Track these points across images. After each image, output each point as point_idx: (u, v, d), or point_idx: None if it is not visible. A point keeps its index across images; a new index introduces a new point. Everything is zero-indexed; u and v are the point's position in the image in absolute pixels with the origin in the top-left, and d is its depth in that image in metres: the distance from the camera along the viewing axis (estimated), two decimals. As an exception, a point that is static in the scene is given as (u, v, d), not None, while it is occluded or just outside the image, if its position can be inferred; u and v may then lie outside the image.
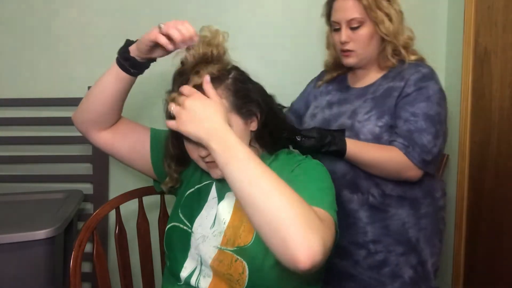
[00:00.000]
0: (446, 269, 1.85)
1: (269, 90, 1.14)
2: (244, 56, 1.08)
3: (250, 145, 1.07)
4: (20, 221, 1.45)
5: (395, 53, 1.30)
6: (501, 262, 1.53)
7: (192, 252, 1.08)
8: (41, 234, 1.36)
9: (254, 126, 1.07)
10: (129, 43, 1.07)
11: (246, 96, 1.04)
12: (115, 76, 1.08)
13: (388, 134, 1.25)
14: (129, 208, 1.47)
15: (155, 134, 1.20)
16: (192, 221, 1.11)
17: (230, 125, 0.97)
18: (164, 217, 1.44)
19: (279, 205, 0.78)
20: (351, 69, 1.38)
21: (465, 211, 1.70)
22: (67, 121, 1.76)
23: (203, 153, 1.01)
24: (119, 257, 1.35)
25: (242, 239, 1.02)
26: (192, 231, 1.09)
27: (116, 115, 1.15)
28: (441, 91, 1.27)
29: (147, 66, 1.09)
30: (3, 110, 1.81)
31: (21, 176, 1.84)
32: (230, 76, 1.05)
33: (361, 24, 1.25)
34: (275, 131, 1.11)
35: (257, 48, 1.79)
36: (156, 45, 1.01)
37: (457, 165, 1.76)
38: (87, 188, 1.83)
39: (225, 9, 1.79)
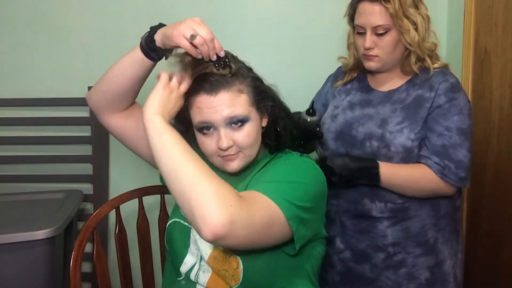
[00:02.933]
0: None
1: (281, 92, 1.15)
2: (251, 58, 1.10)
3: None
4: (20, 221, 1.45)
5: (418, 59, 1.27)
6: (501, 261, 1.53)
7: (191, 248, 1.08)
8: (41, 234, 1.36)
9: (265, 122, 1.10)
10: (154, 31, 1.04)
11: (264, 92, 1.08)
12: (138, 62, 1.06)
13: (418, 148, 1.24)
14: (129, 208, 1.47)
15: None
16: None
17: (251, 118, 1.02)
18: (164, 217, 1.44)
19: (192, 177, 0.85)
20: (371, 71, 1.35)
21: (465, 211, 1.70)
22: (67, 121, 1.79)
23: (225, 144, 1.01)
24: (119, 257, 1.35)
25: None
26: (191, 227, 1.10)
27: (131, 98, 1.15)
28: (469, 102, 1.26)
29: (171, 52, 1.08)
30: (3, 110, 1.81)
31: (21, 176, 1.84)
32: (250, 74, 1.07)
33: (387, 30, 1.21)
34: (282, 130, 1.12)
35: (263, 49, 1.79)
36: None
37: (457, 165, 1.76)
38: (87, 188, 1.83)
39: (227, 8, 1.80)
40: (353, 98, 1.37)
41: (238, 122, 1.01)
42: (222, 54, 1.01)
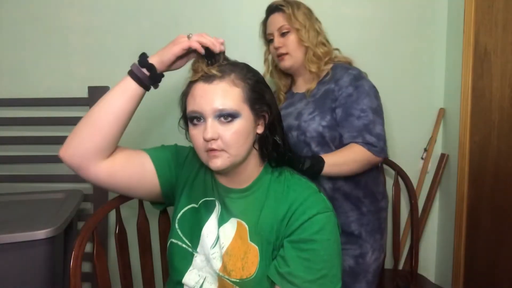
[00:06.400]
0: (446, 267, 1.86)
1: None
2: (251, 58, 1.10)
3: (252, 146, 1.05)
4: (20, 221, 1.45)
5: (315, 56, 1.45)
6: (501, 261, 1.53)
7: (193, 270, 1.10)
8: (41, 234, 1.36)
9: (260, 129, 1.06)
10: (144, 62, 1.04)
11: (261, 94, 1.04)
12: (129, 93, 1.03)
13: (329, 131, 1.39)
14: (129, 208, 1.47)
15: (156, 156, 1.15)
16: (193, 241, 1.10)
17: (241, 115, 1.00)
18: (164, 217, 1.44)
19: None
20: (293, 79, 1.56)
21: (465, 211, 1.70)
22: (67, 121, 1.78)
23: (209, 135, 0.98)
24: (119, 257, 1.35)
25: (245, 271, 1.02)
26: (197, 252, 1.10)
27: (119, 138, 1.07)
28: (374, 86, 1.42)
29: (161, 79, 1.08)
30: (3, 110, 1.81)
31: (21, 176, 1.84)
32: (251, 74, 1.04)
33: (289, 30, 1.45)
34: (280, 139, 1.09)
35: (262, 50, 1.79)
36: (179, 57, 1.04)
37: (457, 165, 1.76)
38: (87, 188, 1.83)
39: (226, 8, 1.79)
40: (283, 105, 1.57)
41: (228, 116, 0.98)
42: (222, 48, 1.04)
